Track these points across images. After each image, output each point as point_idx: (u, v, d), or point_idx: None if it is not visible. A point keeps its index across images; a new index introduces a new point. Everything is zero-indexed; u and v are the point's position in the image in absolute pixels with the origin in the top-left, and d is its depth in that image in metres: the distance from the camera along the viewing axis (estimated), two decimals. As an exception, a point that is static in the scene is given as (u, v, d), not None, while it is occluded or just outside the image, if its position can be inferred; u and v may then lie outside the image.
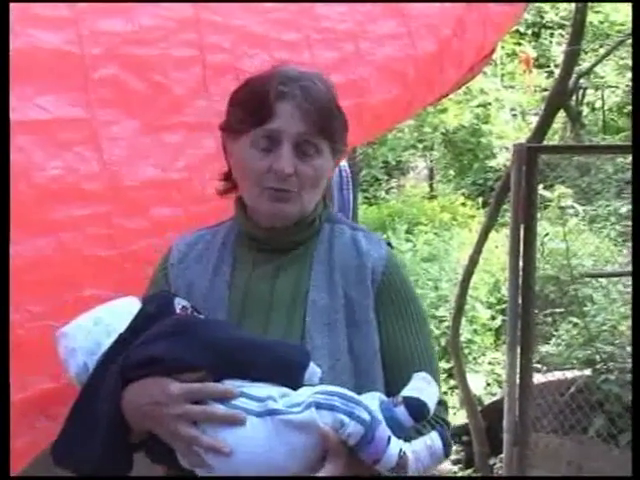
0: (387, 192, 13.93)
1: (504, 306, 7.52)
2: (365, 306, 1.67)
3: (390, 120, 3.28)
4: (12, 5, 2.05)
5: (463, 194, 12.73)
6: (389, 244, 1.78)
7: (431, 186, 14.38)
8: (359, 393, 1.51)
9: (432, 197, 13.35)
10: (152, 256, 1.99)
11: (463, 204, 12.21)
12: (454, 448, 5.84)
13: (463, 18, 3.36)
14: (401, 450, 1.42)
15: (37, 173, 2.10)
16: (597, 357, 5.04)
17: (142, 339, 1.54)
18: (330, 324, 1.64)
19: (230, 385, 1.48)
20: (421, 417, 1.46)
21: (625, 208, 8.27)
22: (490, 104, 11.23)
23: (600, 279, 6.18)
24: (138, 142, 2.26)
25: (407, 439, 1.47)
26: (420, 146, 12.89)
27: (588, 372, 5.02)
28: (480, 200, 12.15)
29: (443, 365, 7.55)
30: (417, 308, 1.74)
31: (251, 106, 1.66)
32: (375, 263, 1.70)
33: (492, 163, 11.40)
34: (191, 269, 1.78)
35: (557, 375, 5.12)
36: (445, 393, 7.23)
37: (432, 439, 1.46)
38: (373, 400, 1.48)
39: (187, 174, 2.31)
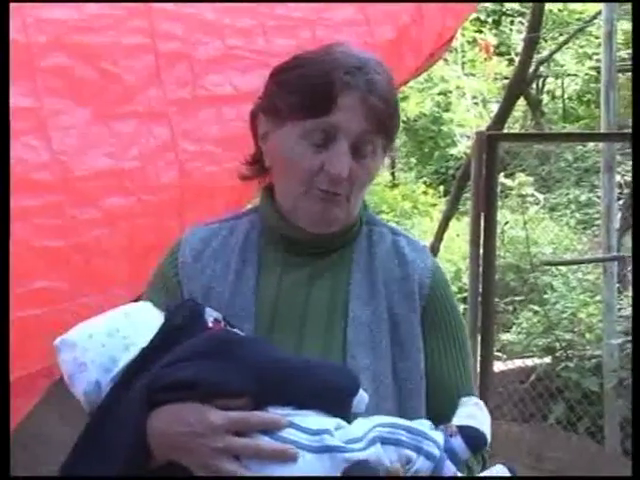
0: (349, 180, 13.91)
1: (465, 295, 7.56)
2: (411, 323, 1.49)
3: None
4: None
5: (424, 182, 12.76)
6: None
7: (392, 174, 14.38)
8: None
9: (393, 185, 13.36)
10: (103, 246, 1.94)
11: (424, 192, 12.24)
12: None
13: (421, 5, 3.34)
14: None
15: (-19, 163, 2.04)
16: (557, 345, 5.07)
17: (170, 358, 1.33)
18: (374, 342, 1.45)
19: (276, 414, 1.28)
20: (478, 449, 1.32)
21: (584, 196, 8.34)
22: (451, 92, 11.26)
23: (560, 267, 6.21)
24: (89, 131, 2.22)
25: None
26: (381, 134, 12.89)
27: (548, 360, 5.05)
28: (441, 188, 12.19)
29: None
30: (460, 329, 1.56)
31: (309, 94, 1.43)
32: (422, 275, 1.52)
33: (453, 151, 11.43)
34: (208, 270, 1.54)
35: (517, 363, 5.15)
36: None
37: (499, 472, 1.30)
38: (433, 431, 1.32)
39: (140, 163, 2.25)
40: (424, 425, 1.32)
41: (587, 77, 11.18)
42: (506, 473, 1.30)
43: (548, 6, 5.98)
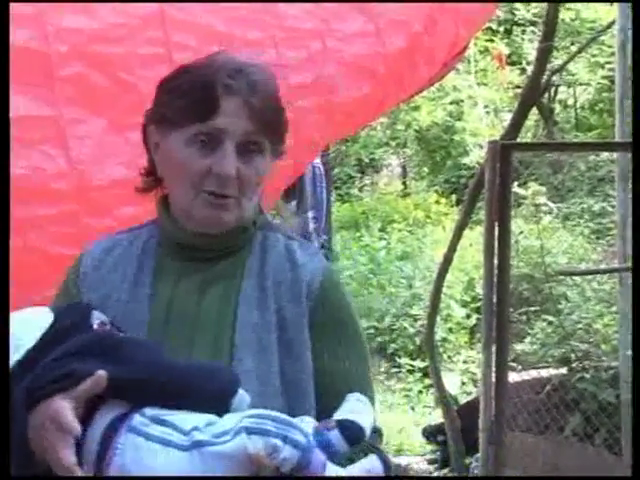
0: (360, 190, 13.91)
1: (479, 304, 7.52)
2: (299, 325, 1.53)
3: (362, 118, 3.25)
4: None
5: (436, 192, 12.75)
6: (326, 256, 1.65)
7: (404, 184, 14.38)
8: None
9: (405, 195, 13.35)
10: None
11: (437, 202, 12.22)
12: (430, 447, 5.82)
13: (434, 14, 3.34)
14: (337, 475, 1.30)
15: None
16: (572, 355, 5.04)
17: (54, 356, 1.38)
18: (261, 345, 1.50)
19: (152, 413, 1.33)
20: (356, 441, 1.34)
21: (598, 205, 8.31)
22: (463, 101, 11.24)
23: (574, 277, 6.18)
24: (105, 141, 2.23)
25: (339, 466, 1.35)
26: (393, 143, 12.89)
27: (563, 370, 5.01)
28: (453, 198, 12.16)
29: (418, 364, 7.54)
30: (355, 329, 1.60)
31: (193, 98, 1.48)
32: (311, 277, 1.56)
33: (465, 160, 11.39)
34: (106, 279, 1.59)
35: (532, 374, 5.12)
36: (420, 392, 7.22)
37: (371, 462, 1.33)
38: (304, 424, 1.35)
39: (155, 173, 2.26)
40: (304, 421, 1.35)
41: (599, 86, 11.15)
42: (379, 465, 1.32)
43: (560, 15, 5.96)
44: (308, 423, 1.35)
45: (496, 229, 3.94)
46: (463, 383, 7.24)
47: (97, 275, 1.60)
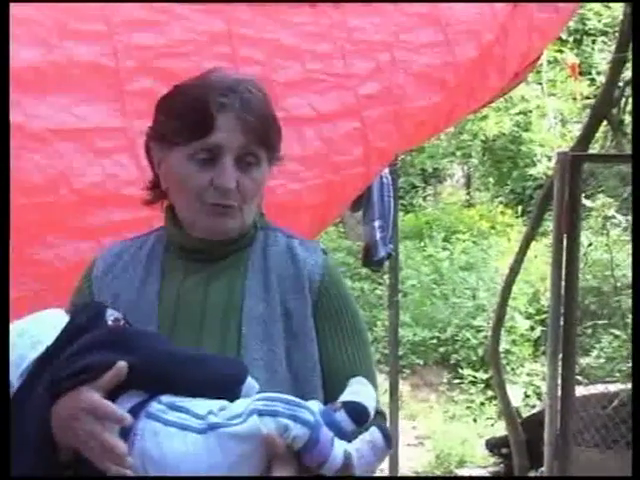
0: (424, 199, 13.85)
1: (543, 317, 7.44)
2: (303, 316, 1.62)
3: (432, 127, 3.25)
4: (50, 18, 2.07)
5: (501, 202, 12.63)
6: (323, 251, 1.72)
7: (468, 194, 14.28)
8: None
9: (470, 205, 13.25)
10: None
11: (502, 212, 12.11)
12: (493, 460, 5.77)
13: (506, 24, 3.32)
14: (346, 450, 1.37)
15: (77, 179, 2.11)
16: (640, 370, 4.94)
17: (71, 351, 1.47)
18: (267, 335, 1.59)
19: (168, 400, 1.42)
20: (362, 420, 1.42)
21: (668, 218, 8.13)
22: (531, 112, 11.13)
23: (643, 291, 6.06)
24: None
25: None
26: (458, 153, 12.82)
27: (631, 385, 4.92)
28: (519, 209, 12.03)
29: (481, 375, 7.48)
30: (355, 318, 1.69)
31: (189, 118, 1.58)
32: (311, 271, 1.66)
33: (532, 171, 11.26)
34: (117, 281, 1.69)
35: (599, 388, 5.04)
36: (483, 404, 7.16)
37: (372, 434, 1.40)
38: (312, 406, 1.43)
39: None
40: (313, 405, 1.42)
41: (671, 97, 10.93)
42: (379, 436, 1.40)
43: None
44: (315, 406, 1.43)
45: (565, 241, 3.91)
46: (526, 396, 7.16)
47: (107, 278, 1.70)
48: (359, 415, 1.42)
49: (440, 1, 3.05)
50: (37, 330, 1.53)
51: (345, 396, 1.46)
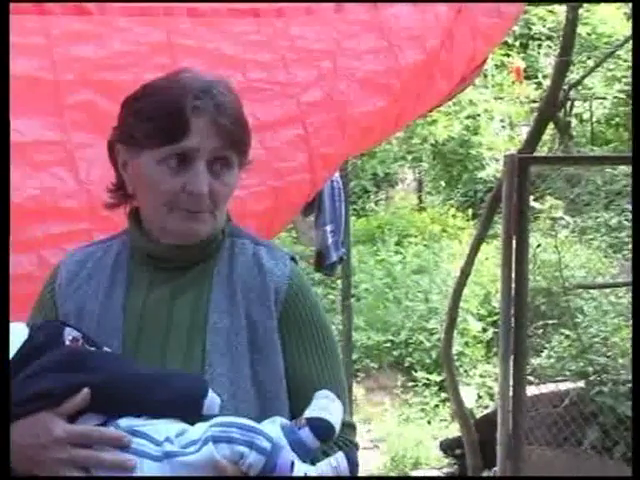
0: (376, 204, 13.90)
1: (495, 318, 7.51)
2: (269, 329, 1.58)
3: (380, 132, 3.26)
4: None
5: (452, 205, 12.73)
6: (293, 259, 1.68)
7: (420, 198, 14.36)
8: (262, 421, 1.45)
9: (421, 209, 13.33)
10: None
11: (453, 216, 12.21)
12: (447, 461, 5.81)
13: (451, 29, 3.35)
14: (305, 474, 1.36)
15: (15, 192, 2.10)
16: (590, 369, 5.02)
17: (28, 372, 1.43)
18: (231, 349, 1.55)
19: (126, 424, 1.39)
20: (327, 437, 1.41)
21: (615, 219, 8.28)
22: (479, 115, 11.24)
23: (591, 291, 6.16)
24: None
25: (314, 462, 1.41)
26: (409, 157, 12.89)
27: (581, 384, 5.00)
28: (470, 212, 12.14)
29: (434, 378, 7.53)
30: (323, 330, 1.65)
31: (162, 122, 1.52)
32: (278, 282, 1.61)
33: (481, 174, 11.38)
34: (81, 291, 1.64)
35: (550, 387, 5.10)
36: (437, 406, 7.21)
37: (337, 460, 1.39)
38: (274, 425, 1.42)
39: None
40: (275, 422, 1.41)
41: (615, 100, 11.12)
42: (344, 462, 1.38)
43: (577, 30, 5.97)
44: (277, 423, 1.41)
45: (514, 243, 3.95)
46: (479, 397, 7.23)
47: (71, 288, 1.65)
48: (324, 432, 1.41)
49: (387, 1, 3.07)
50: None
51: (310, 411, 1.44)
